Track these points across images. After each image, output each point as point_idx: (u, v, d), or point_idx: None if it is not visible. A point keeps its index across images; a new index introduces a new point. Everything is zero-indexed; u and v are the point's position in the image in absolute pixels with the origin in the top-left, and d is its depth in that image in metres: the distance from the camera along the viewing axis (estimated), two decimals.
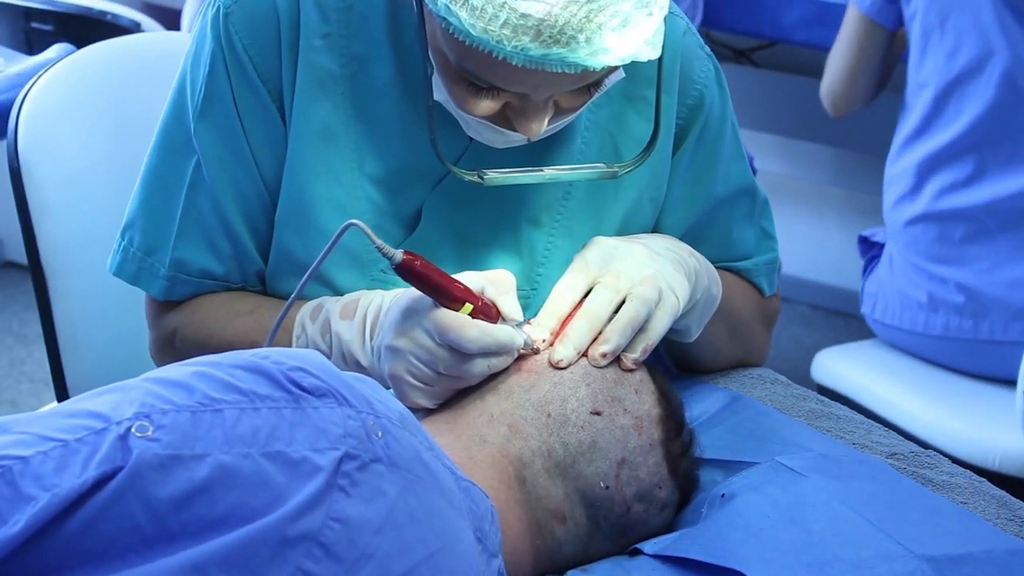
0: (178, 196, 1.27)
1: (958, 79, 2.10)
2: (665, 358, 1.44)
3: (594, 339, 1.13)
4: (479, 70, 1.08)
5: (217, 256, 1.28)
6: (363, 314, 1.18)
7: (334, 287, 1.26)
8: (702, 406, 1.32)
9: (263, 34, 1.21)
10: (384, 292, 1.20)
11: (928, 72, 2.14)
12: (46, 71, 1.56)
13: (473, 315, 1.10)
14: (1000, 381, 2.14)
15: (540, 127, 1.12)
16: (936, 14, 2.11)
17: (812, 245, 3.53)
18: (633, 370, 1.14)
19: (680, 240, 1.31)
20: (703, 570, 1.02)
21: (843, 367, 2.30)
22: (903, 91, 2.26)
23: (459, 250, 1.27)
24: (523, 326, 1.14)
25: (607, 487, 1.08)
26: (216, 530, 0.82)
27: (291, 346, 1.22)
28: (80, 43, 1.71)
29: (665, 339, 1.21)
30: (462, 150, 1.25)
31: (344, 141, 1.24)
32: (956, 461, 1.27)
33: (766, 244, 1.42)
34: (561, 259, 1.27)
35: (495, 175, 1.16)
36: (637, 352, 1.14)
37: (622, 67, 1.11)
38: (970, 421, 2.07)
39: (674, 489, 1.14)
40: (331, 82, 1.23)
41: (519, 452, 1.08)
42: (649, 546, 1.08)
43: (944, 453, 1.34)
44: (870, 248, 2.38)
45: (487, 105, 1.11)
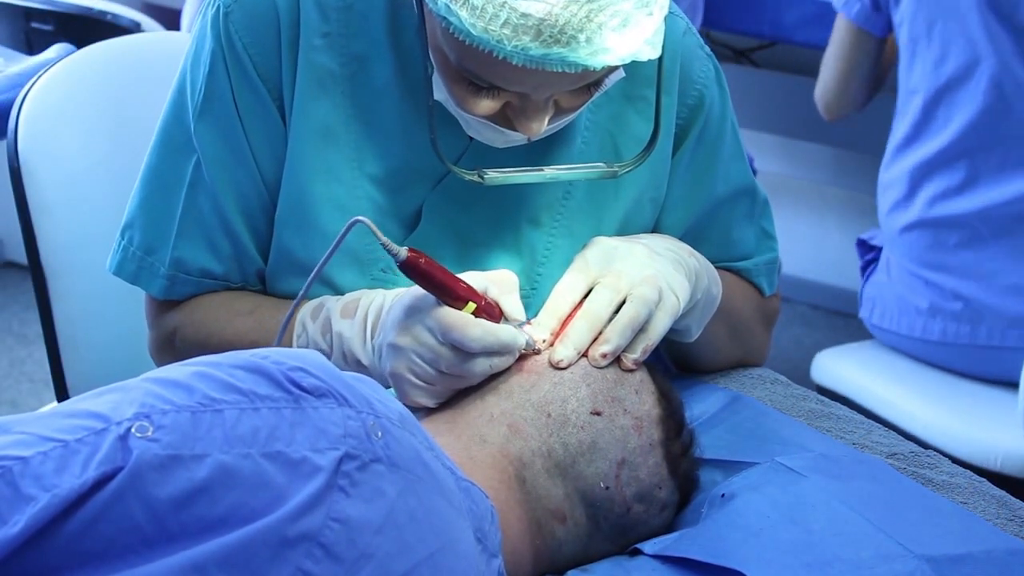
0: (178, 195, 1.27)
1: (946, 86, 2.08)
2: (665, 358, 1.43)
3: (594, 339, 1.13)
4: (479, 69, 1.08)
5: (217, 255, 1.28)
6: (364, 313, 1.18)
7: (335, 286, 1.26)
8: (702, 406, 1.32)
9: (263, 33, 1.21)
10: (385, 291, 1.20)
11: (917, 79, 2.13)
12: (46, 71, 1.56)
13: (476, 314, 1.10)
14: (1000, 383, 2.13)
15: (540, 127, 1.12)
16: (923, 21, 2.09)
17: (812, 245, 3.53)
18: (633, 370, 1.14)
19: (680, 240, 1.31)
20: (703, 570, 1.02)
21: (843, 367, 2.29)
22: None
23: (459, 250, 1.27)
24: (524, 326, 1.14)
25: (607, 487, 1.08)
26: (216, 530, 0.82)
27: (291, 346, 1.22)
28: (80, 43, 1.71)
29: (665, 339, 1.21)
30: (462, 150, 1.25)
31: (344, 140, 1.24)
32: (956, 461, 1.26)
33: (766, 244, 1.42)
34: (561, 259, 1.27)
35: (495, 174, 1.16)
36: (637, 352, 1.14)
37: (622, 67, 1.11)
38: (970, 421, 2.07)
39: (674, 489, 1.14)
40: (331, 81, 1.23)
41: (519, 452, 1.08)
42: (649, 546, 1.08)
43: (944, 453, 1.34)
44: (868, 251, 2.38)
45: (487, 105, 1.11)
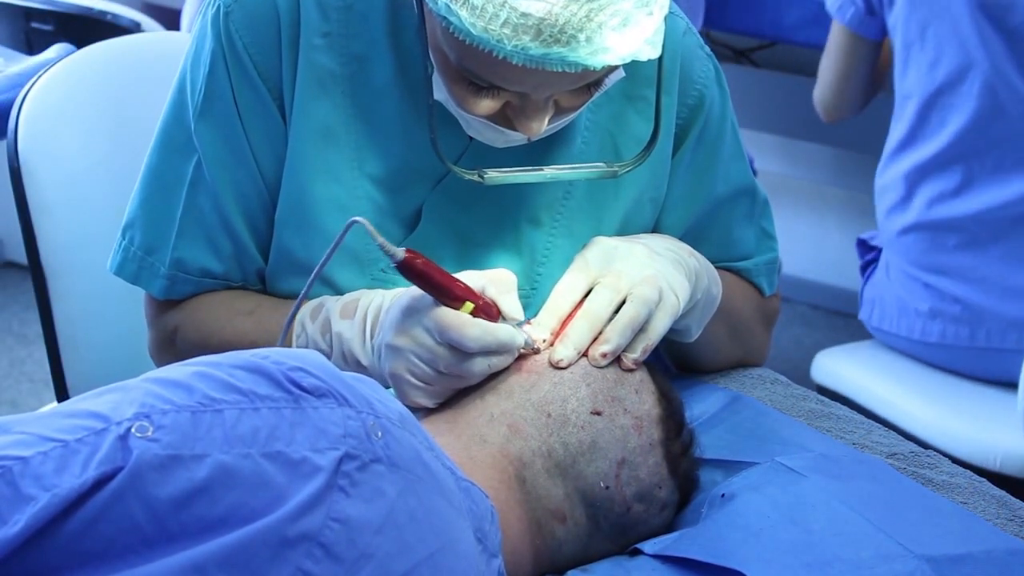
0: (179, 195, 1.27)
1: (940, 90, 2.07)
2: (665, 358, 1.43)
3: (594, 339, 1.13)
4: (479, 69, 1.08)
5: (217, 255, 1.28)
6: (363, 313, 1.18)
7: (334, 286, 1.26)
8: (702, 406, 1.32)
9: (263, 33, 1.21)
10: (384, 291, 1.20)
11: (911, 83, 2.12)
12: (46, 71, 1.56)
13: (474, 314, 1.10)
14: (1000, 383, 2.13)
15: (540, 126, 1.12)
16: (916, 25, 2.08)
17: (812, 245, 3.53)
18: (633, 370, 1.14)
19: (680, 240, 1.31)
20: (703, 570, 1.02)
21: (843, 367, 2.29)
22: None
23: (459, 250, 1.27)
24: (523, 326, 1.14)
25: (607, 487, 1.08)
26: (216, 530, 0.82)
27: (291, 346, 1.22)
28: (80, 43, 1.71)
29: (665, 339, 1.21)
30: (462, 149, 1.25)
31: (344, 140, 1.24)
32: (956, 461, 1.26)
33: (766, 244, 1.42)
34: (561, 259, 1.27)
35: (495, 174, 1.16)
36: (637, 352, 1.14)
37: (622, 67, 1.11)
38: (970, 421, 2.07)
39: (674, 489, 1.14)
40: (331, 81, 1.23)
41: (519, 452, 1.08)
42: (649, 546, 1.08)
43: (944, 453, 1.34)
44: (868, 251, 2.37)
45: (487, 104, 1.11)
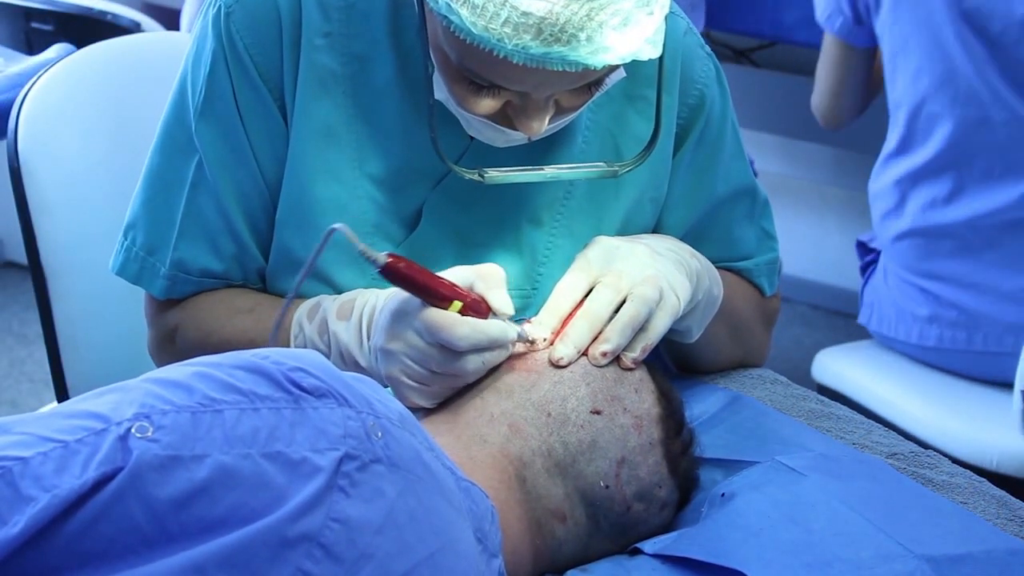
0: (180, 195, 1.27)
1: (925, 99, 2.07)
2: (665, 358, 1.43)
3: (594, 338, 1.13)
4: (480, 68, 1.08)
5: (218, 255, 1.28)
6: (359, 315, 1.18)
7: (333, 285, 1.26)
8: (702, 406, 1.32)
9: (264, 33, 1.21)
10: (379, 291, 1.20)
11: (900, 92, 2.12)
12: (46, 71, 1.56)
13: (463, 312, 1.09)
14: (999, 384, 2.13)
15: (541, 126, 1.12)
16: (899, 35, 2.08)
17: (812, 245, 3.53)
18: (633, 369, 1.14)
19: (681, 240, 1.31)
20: (703, 570, 1.02)
21: (843, 367, 2.29)
22: None
23: (460, 249, 1.27)
24: (523, 324, 1.13)
25: (607, 486, 1.08)
26: (216, 531, 0.82)
27: (289, 345, 1.22)
28: (80, 43, 1.71)
29: (665, 339, 1.21)
30: (463, 149, 1.25)
31: (345, 140, 1.24)
32: (956, 461, 1.26)
33: (767, 244, 1.42)
34: (562, 258, 1.27)
35: (496, 174, 1.16)
36: (636, 351, 1.14)
37: (623, 66, 1.11)
38: (970, 421, 2.07)
39: (674, 488, 1.14)
40: (332, 81, 1.23)
41: (519, 452, 1.08)
42: (649, 546, 1.07)
43: (944, 453, 1.34)
44: (868, 252, 2.37)
45: (488, 104, 1.11)
